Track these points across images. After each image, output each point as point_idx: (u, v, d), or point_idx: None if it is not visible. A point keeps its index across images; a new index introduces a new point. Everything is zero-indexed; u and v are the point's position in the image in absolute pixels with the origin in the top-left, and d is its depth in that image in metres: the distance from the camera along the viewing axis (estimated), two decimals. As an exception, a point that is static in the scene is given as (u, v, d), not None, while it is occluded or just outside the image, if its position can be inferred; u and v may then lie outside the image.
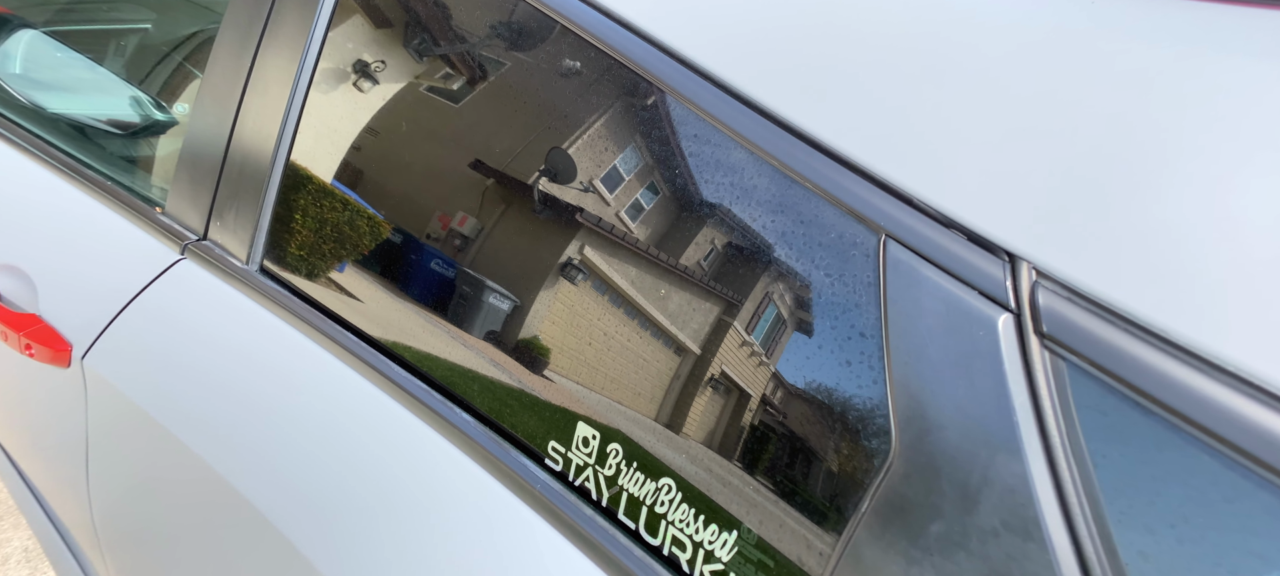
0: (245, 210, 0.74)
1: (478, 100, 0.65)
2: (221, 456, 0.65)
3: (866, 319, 0.41)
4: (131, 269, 0.75)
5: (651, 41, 0.51)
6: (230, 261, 0.74)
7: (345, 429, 0.61)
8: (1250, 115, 0.34)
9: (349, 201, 0.71)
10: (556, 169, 0.58)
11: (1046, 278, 0.36)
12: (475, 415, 0.58)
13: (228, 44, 0.75)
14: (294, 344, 0.67)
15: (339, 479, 0.59)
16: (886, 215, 0.41)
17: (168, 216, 0.79)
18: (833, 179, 0.43)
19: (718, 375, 0.48)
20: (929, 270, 0.39)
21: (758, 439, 0.46)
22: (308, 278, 0.71)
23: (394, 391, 0.61)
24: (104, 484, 0.70)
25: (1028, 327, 0.36)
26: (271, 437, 0.63)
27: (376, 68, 0.71)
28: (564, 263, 0.57)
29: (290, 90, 0.71)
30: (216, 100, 0.75)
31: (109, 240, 0.79)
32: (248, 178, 0.73)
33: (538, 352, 0.57)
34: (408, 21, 0.70)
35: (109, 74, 1.43)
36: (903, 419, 0.38)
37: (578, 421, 0.52)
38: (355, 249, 0.71)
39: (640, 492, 0.48)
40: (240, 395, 0.65)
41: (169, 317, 0.72)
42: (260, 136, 0.72)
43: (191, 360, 0.69)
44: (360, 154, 0.70)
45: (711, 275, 0.49)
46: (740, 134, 0.47)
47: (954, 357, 0.37)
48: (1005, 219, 0.38)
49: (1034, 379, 0.35)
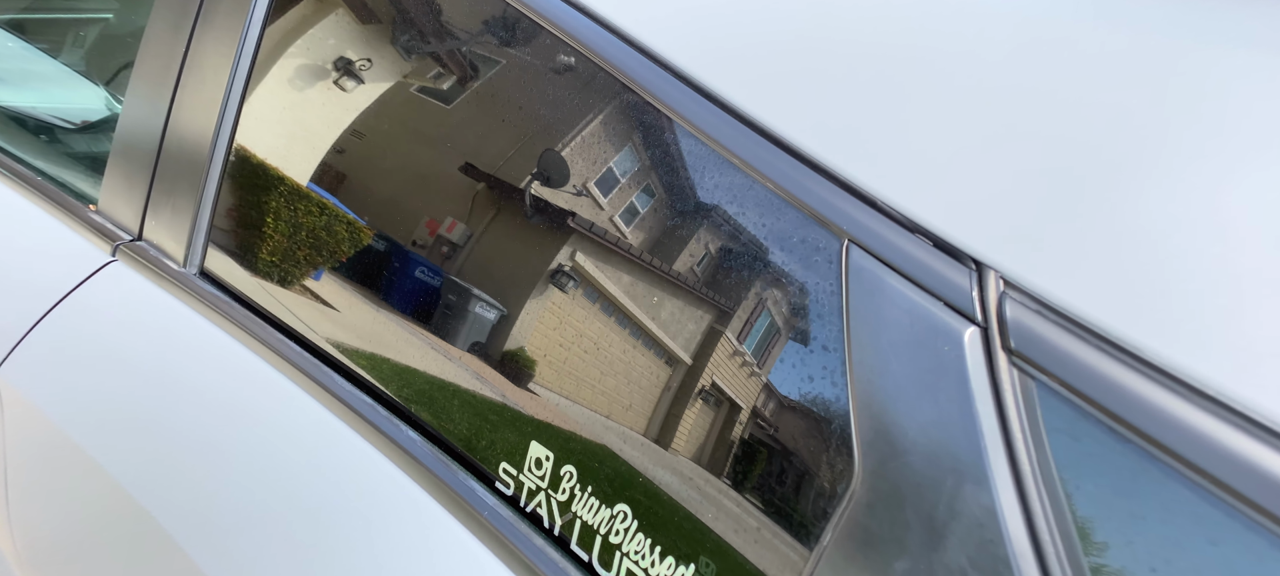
0: (182, 206, 0.69)
1: (432, 87, 0.61)
2: (148, 487, 0.60)
3: (829, 331, 0.38)
4: (56, 271, 0.70)
5: (604, 24, 0.48)
6: (166, 264, 0.69)
7: (281, 453, 0.56)
8: (1242, 116, 0.32)
9: (300, 194, 0.66)
10: (543, 170, 0.54)
11: (1015, 288, 0.33)
12: (425, 433, 0.54)
13: (161, 24, 0.70)
14: (233, 356, 0.63)
15: (272, 512, 0.55)
16: (849, 217, 0.38)
17: (100, 214, 0.75)
18: (794, 178, 0.40)
19: (670, 390, 0.45)
20: (893, 278, 0.36)
21: (715, 462, 0.42)
22: (252, 282, 0.67)
23: (340, 409, 0.57)
24: (25, 509, 0.65)
25: (995, 342, 0.33)
26: (203, 465, 0.59)
27: (323, 49, 0.67)
28: (535, 265, 0.53)
29: (230, 73, 0.66)
30: (149, 84, 0.70)
31: (33, 239, 0.74)
32: (185, 170, 0.69)
33: (493, 361, 0.53)
34: (357, 2, 0.66)
35: (61, 66, 1.37)
36: (866, 442, 0.35)
37: (530, 441, 0.48)
38: (305, 249, 0.66)
39: (594, 520, 0.44)
40: (172, 415, 0.61)
41: (96, 327, 0.67)
42: (197, 124, 0.68)
43: (119, 375, 0.64)
44: (309, 143, 0.66)
45: (660, 282, 0.46)
46: (696, 126, 0.44)
47: (918, 374, 0.34)
48: (972, 224, 0.35)
49: (1002, 400, 0.32)
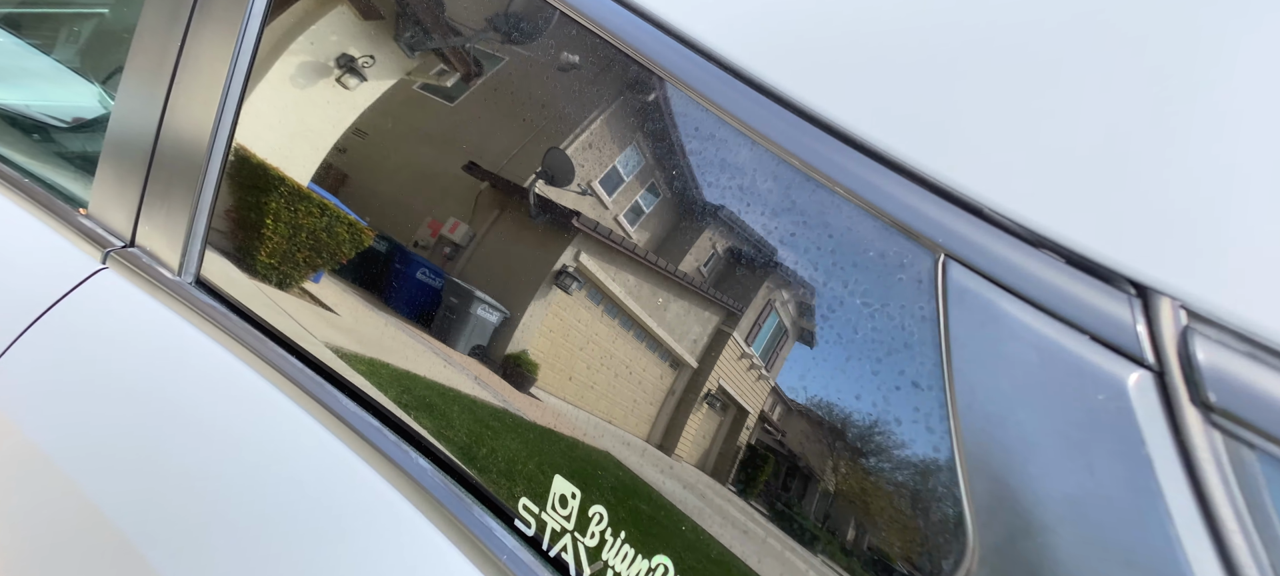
0: (177, 210, 0.64)
1: (446, 88, 0.55)
2: (133, 516, 0.54)
3: (920, 366, 0.32)
4: (42, 279, 0.65)
5: (646, 17, 0.42)
6: (160, 272, 0.64)
7: (280, 481, 0.51)
8: None
9: (301, 196, 0.61)
10: (552, 170, 0.49)
11: (1204, 321, 0.26)
12: (438, 461, 0.49)
13: (155, 17, 0.65)
14: (230, 372, 0.57)
15: (269, 549, 0.49)
16: (944, 227, 0.32)
17: (91, 219, 0.69)
18: (869, 181, 0.35)
19: (724, 425, 0.39)
20: (1012, 304, 0.29)
21: (783, 519, 0.36)
22: (251, 290, 0.62)
23: (345, 433, 0.51)
24: (3, 531, 0.61)
25: (1179, 393, 0.26)
26: (195, 494, 0.53)
27: (326, 45, 0.62)
28: (555, 270, 0.48)
29: (228, 69, 0.61)
30: (143, 81, 0.65)
31: (18, 244, 0.69)
32: (180, 172, 0.63)
33: (516, 377, 0.48)
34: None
35: (53, 62, 1.32)
36: (982, 510, 0.28)
37: (554, 474, 0.43)
38: (307, 254, 0.61)
39: (630, 574, 0.39)
40: (163, 438, 0.55)
41: (83, 340, 0.61)
42: (194, 123, 0.63)
43: (106, 393, 0.58)
44: (312, 142, 0.61)
45: (714, 308, 0.40)
46: (750, 126, 0.38)
47: (1059, 429, 0.27)
48: (1128, 236, 0.28)
49: (1199, 471, 0.25)
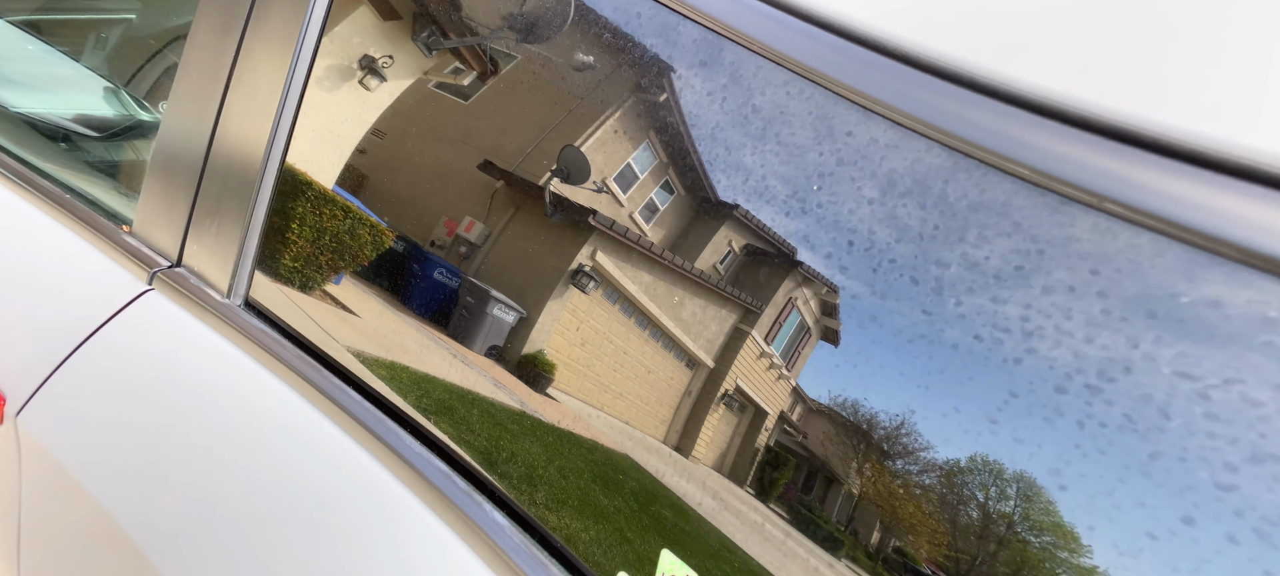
0: (228, 230, 0.60)
1: (529, 93, 0.51)
2: (177, 560, 0.50)
3: None
4: (86, 302, 0.62)
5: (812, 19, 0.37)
6: (208, 293, 0.61)
7: (332, 522, 0.47)
8: None
9: (358, 217, 0.57)
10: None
11: None
12: (513, 515, 0.45)
13: (206, 29, 0.61)
14: (280, 402, 0.54)
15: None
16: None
17: (135, 237, 0.66)
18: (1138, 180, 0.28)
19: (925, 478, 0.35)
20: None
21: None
22: (304, 316, 0.58)
23: (407, 474, 0.47)
24: (37, 559, 0.57)
25: None
26: (245, 536, 0.50)
27: (385, 62, 0.58)
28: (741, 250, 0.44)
29: (284, 83, 0.57)
30: (194, 92, 0.62)
31: (62, 265, 0.65)
32: (232, 188, 0.60)
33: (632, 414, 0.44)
34: (427, 3, 0.56)
35: (84, 69, 1.29)
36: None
37: (661, 548, 0.38)
38: (366, 276, 0.57)
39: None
40: (212, 472, 0.52)
41: (127, 367, 0.58)
42: (247, 139, 0.59)
43: (151, 424, 0.55)
44: (370, 159, 0.57)
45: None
46: (945, 131, 0.33)
47: None
48: None
49: None
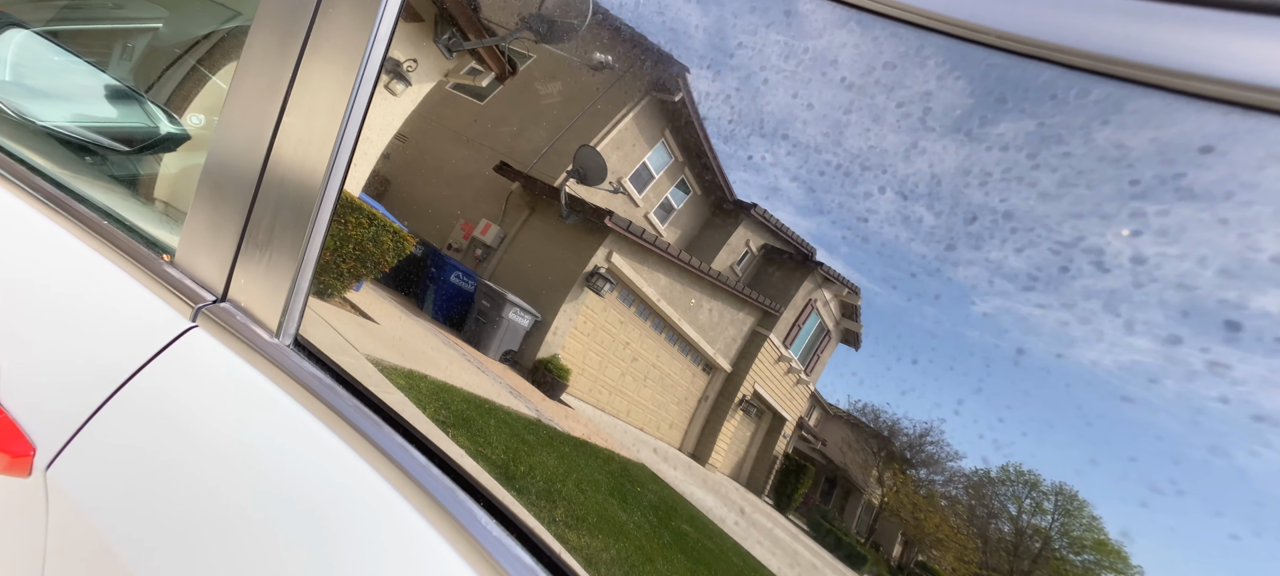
0: (280, 263, 0.55)
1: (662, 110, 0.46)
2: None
3: None
4: (123, 341, 0.57)
5: None
6: (256, 333, 0.55)
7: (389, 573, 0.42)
8: None
9: (382, 224, 0.53)
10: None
11: None
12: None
13: (262, 44, 0.56)
14: (332, 454, 0.48)
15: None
16: None
17: (178, 269, 0.61)
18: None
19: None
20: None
21: None
22: (359, 357, 0.53)
23: (464, 543, 0.42)
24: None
25: None
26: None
27: (467, 71, 0.53)
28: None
29: (347, 104, 0.52)
30: (246, 117, 0.57)
31: (98, 299, 0.60)
32: (285, 219, 0.55)
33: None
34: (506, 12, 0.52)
35: (112, 80, 1.25)
36: None
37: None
38: (384, 285, 0.52)
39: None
40: (257, 543, 0.46)
41: (167, 414, 0.53)
42: (304, 165, 0.54)
43: (191, 479, 0.49)
44: (391, 163, 0.52)
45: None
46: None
47: None
48: None
49: None
